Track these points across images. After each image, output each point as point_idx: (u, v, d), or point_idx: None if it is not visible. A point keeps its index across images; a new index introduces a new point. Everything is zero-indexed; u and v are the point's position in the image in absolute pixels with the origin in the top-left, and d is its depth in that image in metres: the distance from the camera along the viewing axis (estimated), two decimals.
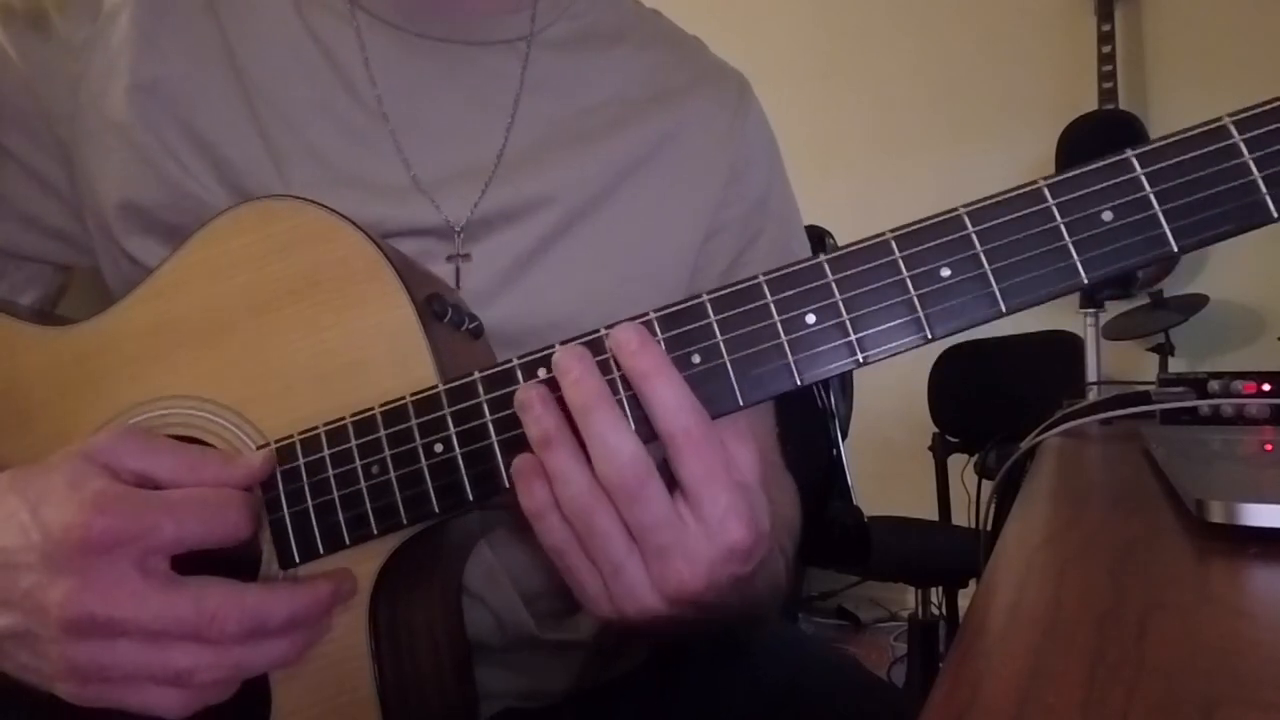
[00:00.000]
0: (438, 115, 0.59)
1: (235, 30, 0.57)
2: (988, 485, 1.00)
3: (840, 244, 0.41)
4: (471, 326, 0.49)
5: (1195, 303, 2.04)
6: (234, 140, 0.55)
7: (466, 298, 0.54)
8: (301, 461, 0.45)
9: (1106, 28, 2.34)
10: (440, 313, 0.46)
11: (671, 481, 0.39)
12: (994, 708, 0.27)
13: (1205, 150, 0.37)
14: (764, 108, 0.72)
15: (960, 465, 1.99)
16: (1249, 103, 0.37)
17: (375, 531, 0.44)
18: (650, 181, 0.63)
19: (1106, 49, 2.32)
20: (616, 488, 0.38)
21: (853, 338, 0.39)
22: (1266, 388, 0.79)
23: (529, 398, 0.40)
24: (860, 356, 0.39)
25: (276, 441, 0.45)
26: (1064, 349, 1.86)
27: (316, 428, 0.45)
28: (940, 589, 1.83)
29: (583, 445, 0.39)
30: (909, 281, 0.39)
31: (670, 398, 0.39)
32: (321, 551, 0.44)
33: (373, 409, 0.44)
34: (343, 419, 0.44)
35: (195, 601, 0.39)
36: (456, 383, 0.43)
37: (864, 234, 0.40)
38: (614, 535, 0.39)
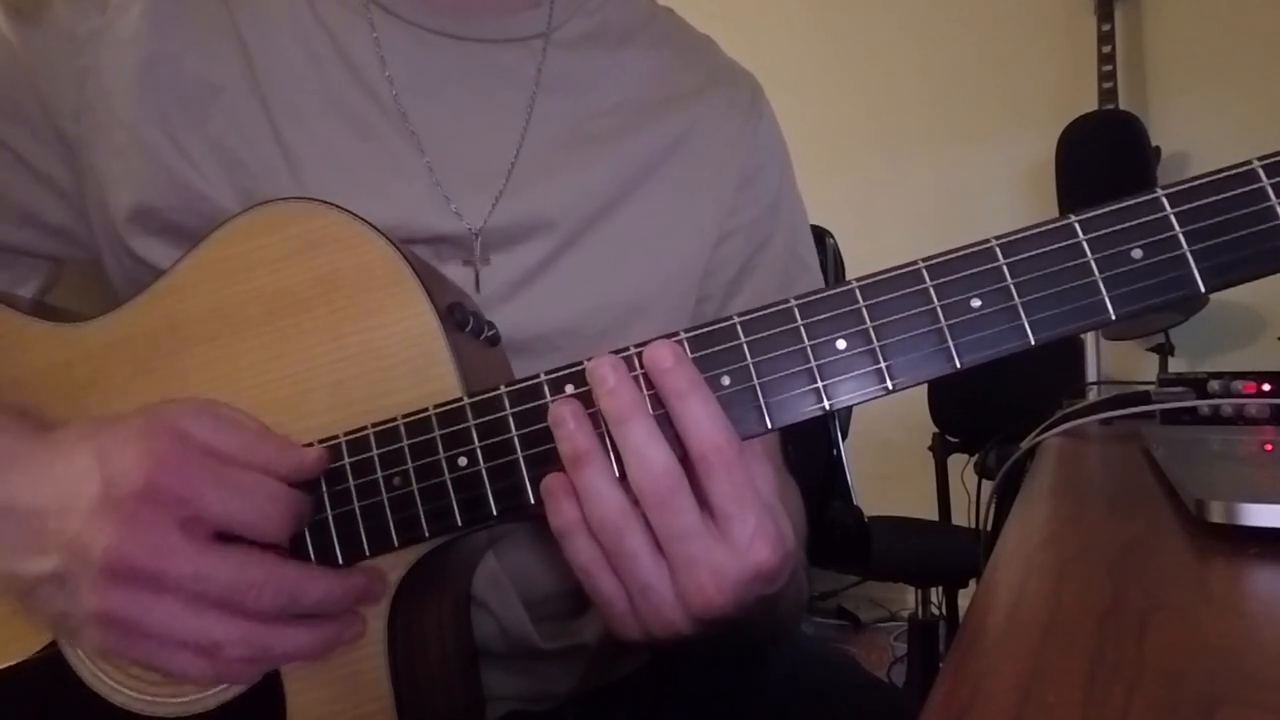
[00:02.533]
0: (454, 115, 0.59)
1: (248, 22, 0.56)
2: (988, 485, 1.00)
3: (842, 244, 0.41)
4: (489, 334, 0.49)
5: (1195, 303, 2.04)
6: (247, 140, 0.55)
7: (480, 302, 0.53)
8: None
9: (1106, 28, 2.34)
10: (462, 322, 0.46)
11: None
12: (994, 708, 0.27)
13: (1234, 193, 0.37)
14: None
15: (960, 465, 1.99)
16: (1249, 103, 0.37)
17: (396, 544, 0.43)
18: (662, 187, 0.62)
19: (1106, 49, 2.32)
20: (648, 496, 0.38)
21: (882, 365, 0.39)
22: (1266, 388, 0.79)
23: (562, 414, 0.40)
24: (890, 384, 0.39)
25: None
26: (1064, 349, 1.86)
27: (337, 436, 0.44)
28: (940, 589, 1.83)
29: (613, 463, 0.39)
30: (940, 311, 0.39)
31: (704, 415, 0.39)
32: (340, 562, 0.44)
33: (395, 419, 0.44)
34: (364, 428, 0.44)
35: (238, 568, 0.40)
36: (481, 396, 0.43)
37: (865, 233, 0.40)
38: (642, 554, 0.39)
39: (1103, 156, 1.92)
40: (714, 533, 0.39)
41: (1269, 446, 0.66)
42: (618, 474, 0.40)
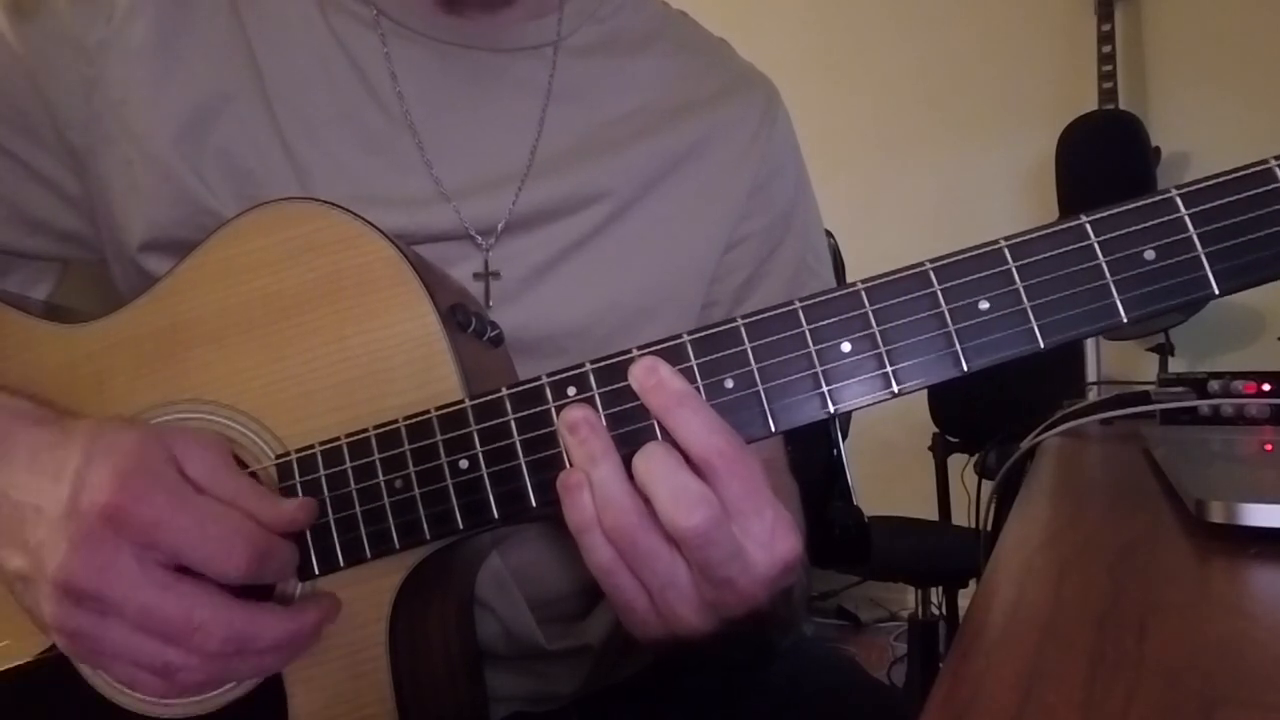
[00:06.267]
0: (464, 125, 0.58)
1: (259, 33, 0.56)
2: (988, 485, 1.00)
3: (842, 244, 0.41)
4: (492, 335, 0.49)
5: (1195, 302, 2.04)
6: (255, 149, 0.54)
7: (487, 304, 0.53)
8: (322, 474, 0.44)
9: (1106, 28, 2.33)
10: (464, 323, 0.46)
11: None
12: (994, 708, 0.27)
13: (1251, 193, 0.36)
14: None
15: (960, 465, 1.99)
16: (1249, 103, 0.37)
17: (397, 547, 0.43)
18: (676, 191, 0.62)
19: (1106, 49, 2.32)
20: (682, 530, 0.38)
21: (889, 369, 0.39)
22: (1266, 388, 0.78)
23: (575, 419, 0.40)
24: (896, 388, 0.39)
25: (296, 451, 0.45)
26: (1064, 349, 1.85)
27: (338, 439, 0.44)
28: (940, 589, 1.83)
29: (625, 467, 0.39)
30: (947, 314, 0.39)
31: (697, 424, 0.39)
32: (341, 564, 0.44)
33: (396, 422, 0.43)
34: (366, 431, 0.44)
35: (184, 610, 0.39)
36: (483, 399, 0.43)
37: (865, 233, 0.40)
38: (660, 553, 0.39)
39: (1103, 156, 1.92)
40: (739, 537, 0.39)
41: (1269, 446, 0.66)
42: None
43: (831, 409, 0.40)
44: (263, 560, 0.41)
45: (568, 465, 0.41)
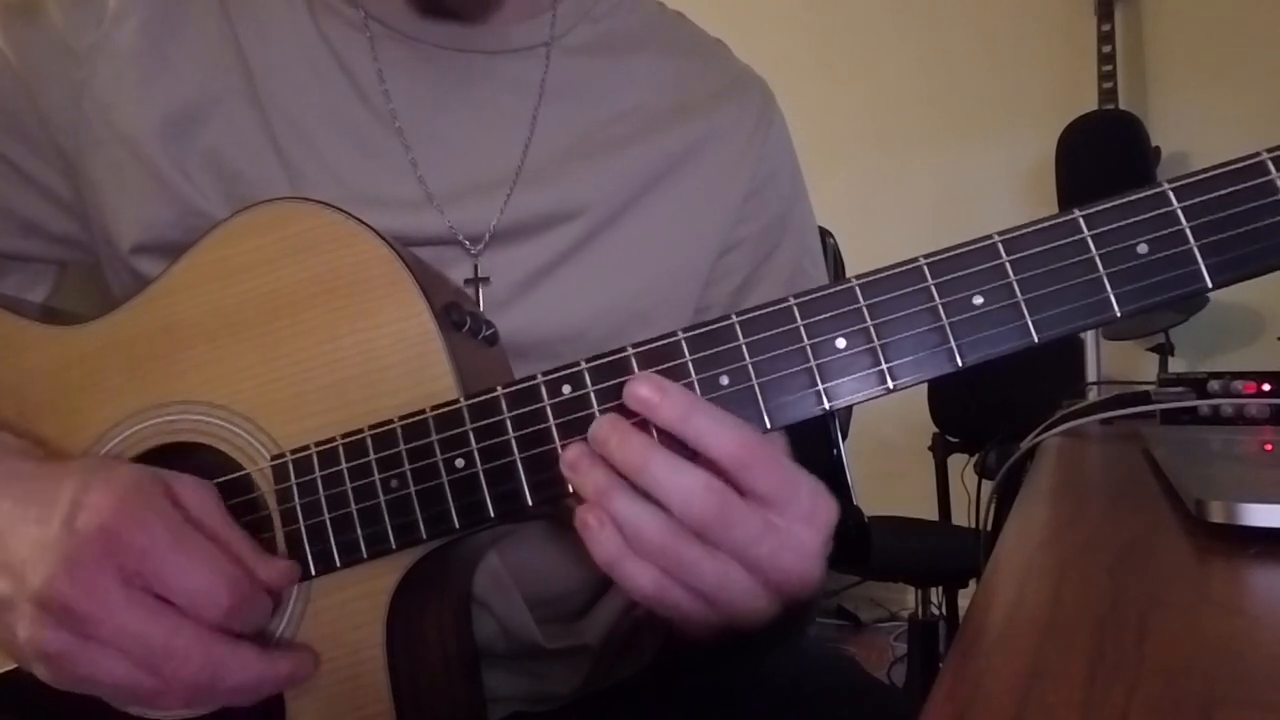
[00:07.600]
0: (454, 128, 0.58)
1: (249, 36, 0.56)
2: (988, 485, 1.00)
3: (841, 243, 0.41)
4: (487, 334, 0.49)
5: (1195, 303, 2.04)
6: (246, 151, 0.54)
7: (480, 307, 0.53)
8: (318, 474, 0.44)
9: (1106, 28, 2.34)
10: (459, 322, 0.46)
11: None
12: (994, 708, 0.27)
13: (1242, 186, 0.36)
14: None
15: (960, 465, 1.99)
16: (1249, 103, 0.37)
17: (394, 547, 0.43)
18: (671, 194, 0.62)
19: (1106, 49, 2.32)
20: (700, 522, 0.38)
21: (884, 365, 0.39)
22: (1266, 388, 0.78)
23: (574, 458, 0.40)
24: (891, 384, 0.39)
25: (292, 452, 0.45)
26: (1064, 349, 1.85)
27: (334, 439, 0.44)
28: (940, 589, 1.83)
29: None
30: (941, 309, 0.39)
31: (714, 427, 0.38)
32: (338, 565, 0.44)
33: (392, 422, 0.43)
34: (361, 431, 0.44)
35: (165, 635, 0.39)
36: (479, 398, 0.42)
37: (864, 233, 0.40)
38: (704, 558, 0.39)
39: (1103, 156, 1.92)
40: (777, 522, 0.39)
41: (1269, 446, 0.66)
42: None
43: (827, 405, 0.40)
44: (242, 609, 0.41)
45: (562, 466, 0.40)
